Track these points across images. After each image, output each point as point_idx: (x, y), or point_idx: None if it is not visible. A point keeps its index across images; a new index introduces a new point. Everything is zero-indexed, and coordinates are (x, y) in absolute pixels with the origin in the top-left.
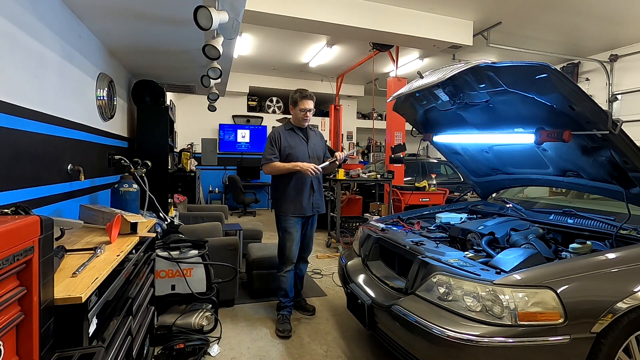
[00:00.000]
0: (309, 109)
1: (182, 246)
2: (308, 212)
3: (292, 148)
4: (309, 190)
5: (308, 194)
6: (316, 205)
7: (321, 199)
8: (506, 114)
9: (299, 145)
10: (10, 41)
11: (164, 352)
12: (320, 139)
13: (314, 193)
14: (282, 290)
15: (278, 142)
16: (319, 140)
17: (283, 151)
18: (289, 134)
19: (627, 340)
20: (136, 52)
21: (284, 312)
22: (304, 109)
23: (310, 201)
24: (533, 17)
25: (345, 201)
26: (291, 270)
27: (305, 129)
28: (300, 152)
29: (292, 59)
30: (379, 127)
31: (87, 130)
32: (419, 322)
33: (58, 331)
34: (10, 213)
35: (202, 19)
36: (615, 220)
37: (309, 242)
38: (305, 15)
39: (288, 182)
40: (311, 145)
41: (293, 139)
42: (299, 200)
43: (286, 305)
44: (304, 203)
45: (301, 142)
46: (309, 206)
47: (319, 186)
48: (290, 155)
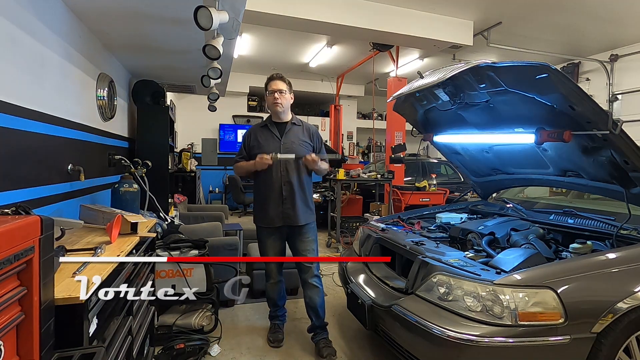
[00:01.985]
0: (277, 90)
1: (183, 246)
2: (276, 222)
3: (259, 146)
4: (277, 197)
5: (276, 202)
6: (286, 215)
7: (294, 208)
8: (506, 114)
9: (269, 141)
10: (10, 41)
11: (164, 352)
12: (306, 136)
13: (284, 201)
14: (269, 300)
15: (248, 140)
16: (302, 138)
17: (250, 150)
18: (261, 130)
19: (627, 341)
20: (136, 52)
21: (276, 321)
22: (271, 90)
23: (279, 210)
24: (533, 17)
25: (345, 201)
26: (277, 283)
27: (284, 123)
28: (268, 150)
29: (293, 59)
30: (379, 127)
31: (87, 130)
32: (419, 322)
33: (58, 331)
34: (11, 213)
35: (202, 19)
36: (615, 220)
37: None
38: (305, 15)
39: (256, 186)
40: (287, 143)
41: (263, 135)
42: (265, 207)
43: (277, 315)
44: (270, 212)
45: (272, 138)
46: (276, 216)
47: (292, 192)
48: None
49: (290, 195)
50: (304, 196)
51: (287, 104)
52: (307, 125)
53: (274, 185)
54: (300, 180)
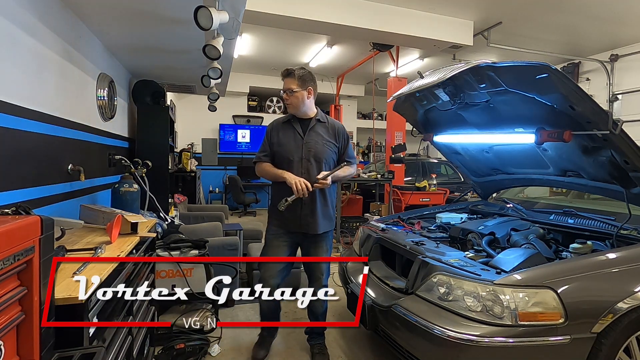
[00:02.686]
0: (286, 89)
1: (183, 246)
2: (291, 227)
3: (281, 144)
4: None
5: (294, 206)
6: (305, 222)
7: (313, 216)
8: (506, 114)
9: (290, 141)
10: (10, 41)
11: (164, 352)
12: (331, 136)
13: (303, 207)
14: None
15: (269, 136)
16: (326, 137)
17: (272, 148)
18: (283, 126)
19: (627, 341)
20: (136, 52)
21: (264, 332)
22: (282, 90)
23: (297, 215)
24: (533, 17)
25: (345, 201)
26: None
27: (307, 120)
28: (289, 150)
29: (293, 59)
30: (379, 127)
31: (87, 130)
32: (420, 322)
33: (58, 331)
34: (11, 213)
35: (203, 19)
36: (615, 220)
37: (314, 266)
38: (305, 15)
39: (275, 186)
40: (309, 142)
41: (285, 132)
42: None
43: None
44: (287, 215)
45: (294, 137)
46: (293, 221)
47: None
48: (278, 153)
49: (311, 201)
50: (324, 203)
51: (298, 103)
52: (332, 123)
53: None
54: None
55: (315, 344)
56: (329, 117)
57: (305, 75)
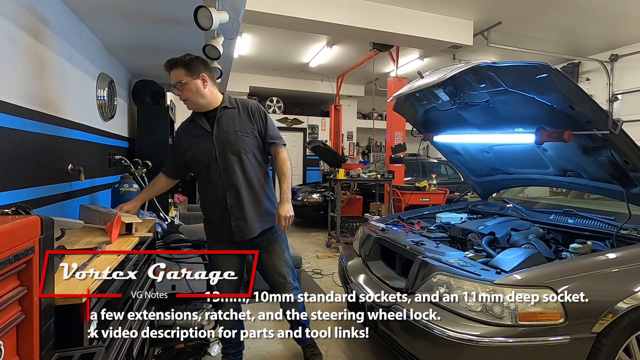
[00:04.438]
0: (174, 85)
1: (183, 246)
2: (226, 239)
3: (191, 149)
4: (221, 207)
5: (221, 212)
6: (236, 228)
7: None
8: (506, 114)
9: (200, 140)
10: (10, 41)
11: (164, 352)
12: (245, 119)
13: (232, 210)
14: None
15: (178, 143)
16: (240, 123)
17: (185, 153)
18: (189, 127)
19: (627, 341)
20: (136, 52)
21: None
22: (172, 85)
23: (226, 223)
24: (533, 17)
25: (345, 201)
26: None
27: (213, 111)
28: (201, 151)
29: (292, 59)
30: (379, 127)
31: (87, 130)
32: (420, 322)
33: (58, 331)
34: (11, 213)
35: (203, 19)
36: (615, 220)
37: (273, 273)
38: (305, 15)
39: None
40: (220, 136)
41: (193, 133)
42: (211, 221)
43: (228, 353)
44: (219, 226)
45: (203, 134)
46: (226, 231)
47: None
48: (192, 159)
49: (238, 202)
50: (256, 200)
51: (193, 95)
52: (243, 104)
53: (217, 194)
54: (249, 180)
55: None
56: (238, 99)
57: (192, 62)
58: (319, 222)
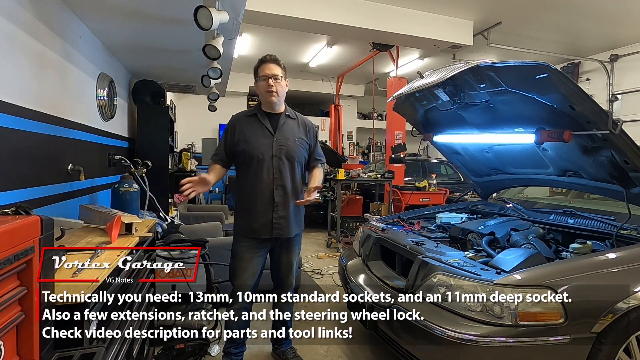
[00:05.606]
0: (271, 75)
1: (183, 246)
2: (263, 233)
3: (248, 142)
4: (267, 204)
5: (265, 210)
6: (277, 225)
7: (287, 219)
8: (506, 114)
9: (258, 136)
10: (10, 41)
11: (164, 352)
12: (302, 132)
13: (275, 208)
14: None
15: (231, 132)
16: (298, 134)
17: (236, 146)
18: (248, 121)
19: (627, 340)
20: (136, 52)
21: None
22: (264, 76)
23: (268, 218)
24: (533, 17)
25: (345, 201)
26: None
27: (277, 115)
28: (259, 147)
29: (292, 59)
30: (379, 127)
31: (87, 130)
32: (420, 322)
33: (58, 331)
34: (11, 213)
35: (203, 19)
36: (615, 220)
37: (287, 271)
38: (305, 15)
39: (241, 189)
40: (281, 139)
41: (252, 128)
42: (251, 214)
43: (231, 352)
44: (258, 220)
45: (264, 133)
46: (265, 226)
47: (286, 199)
48: (245, 151)
49: (284, 202)
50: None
51: (283, 92)
52: (302, 119)
53: (264, 190)
54: (295, 185)
55: (287, 349)
56: (297, 112)
57: (285, 66)
58: (319, 222)
